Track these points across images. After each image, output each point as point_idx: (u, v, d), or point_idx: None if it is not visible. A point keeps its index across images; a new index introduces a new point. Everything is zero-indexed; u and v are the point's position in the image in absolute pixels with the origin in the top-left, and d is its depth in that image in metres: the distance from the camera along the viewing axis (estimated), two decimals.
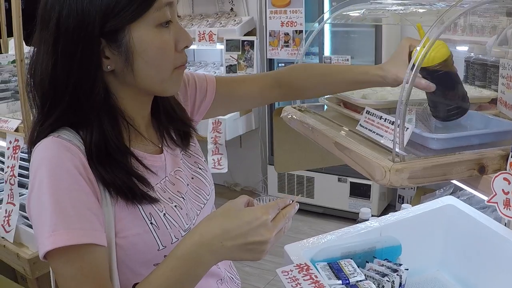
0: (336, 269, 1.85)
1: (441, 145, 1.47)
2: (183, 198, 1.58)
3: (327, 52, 5.22)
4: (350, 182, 5.55)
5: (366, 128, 1.57)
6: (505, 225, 2.11)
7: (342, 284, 1.76)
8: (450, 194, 2.56)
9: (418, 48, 1.40)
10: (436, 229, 2.21)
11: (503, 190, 1.31)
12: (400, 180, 1.34)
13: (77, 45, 1.28)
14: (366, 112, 1.60)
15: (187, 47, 1.40)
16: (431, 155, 1.41)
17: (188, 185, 1.64)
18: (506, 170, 1.33)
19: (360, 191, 5.53)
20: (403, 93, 1.32)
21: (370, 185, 5.43)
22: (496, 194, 1.32)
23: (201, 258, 1.23)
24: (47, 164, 1.30)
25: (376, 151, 1.47)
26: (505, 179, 1.30)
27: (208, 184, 1.74)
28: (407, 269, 1.89)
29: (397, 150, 1.36)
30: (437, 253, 2.25)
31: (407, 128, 1.38)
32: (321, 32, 5.00)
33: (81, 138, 1.37)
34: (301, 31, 5.23)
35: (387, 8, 2.33)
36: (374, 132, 1.52)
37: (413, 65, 1.35)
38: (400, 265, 1.92)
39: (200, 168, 1.75)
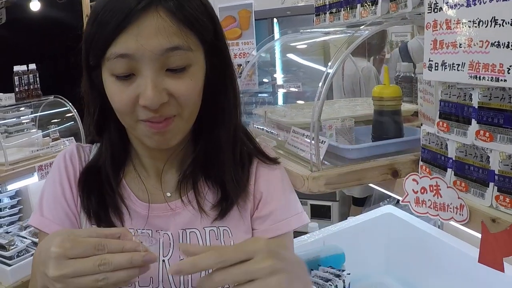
0: None
1: (356, 155, 1.63)
2: None
3: (279, 81, 5.36)
4: (311, 204, 5.67)
5: (293, 146, 1.72)
6: (438, 227, 2.27)
7: None
8: (395, 204, 2.70)
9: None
10: (378, 237, 2.36)
11: (413, 190, 1.46)
12: (317, 187, 1.50)
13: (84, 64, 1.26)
14: (292, 131, 1.75)
15: (145, 107, 1.14)
16: (348, 163, 1.58)
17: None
18: (417, 172, 1.49)
19: (321, 212, 5.65)
20: (315, 110, 1.48)
21: (330, 205, 5.58)
22: (408, 194, 1.48)
23: (36, 275, 1.08)
24: (55, 161, 1.42)
25: (302, 165, 1.63)
26: (414, 180, 1.46)
27: None
28: (349, 274, 2.03)
29: (314, 160, 1.52)
30: (381, 259, 2.39)
31: (324, 142, 1.54)
32: (272, 62, 5.13)
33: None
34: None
35: (332, 37, 2.49)
36: (298, 148, 1.68)
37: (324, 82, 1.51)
38: (343, 270, 2.06)
39: None
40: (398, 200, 2.92)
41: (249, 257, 0.93)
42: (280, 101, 5.44)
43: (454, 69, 1.34)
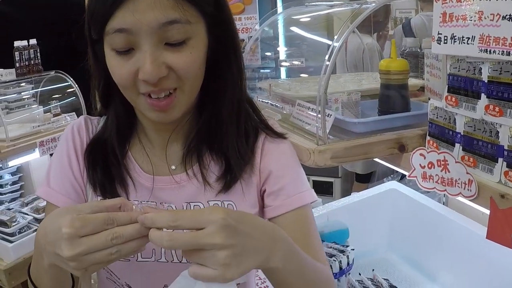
0: None
1: (363, 128, 1.61)
2: None
3: (282, 56, 5.32)
4: (313, 180, 5.63)
5: (298, 119, 1.71)
6: (443, 204, 2.25)
7: None
8: (399, 180, 2.69)
9: None
10: (382, 213, 2.35)
11: (420, 164, 1.45)
12: (323, 160, 1.49)
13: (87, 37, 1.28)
14: (298, 105, 1.73)
15: (145, 81, 1.14)
16: (354, 137, 1.56)
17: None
18: (424, 147, 1.47)
19: (323, 189, 5.61)
20: (321, 84, 1.46)
21: (332, 182, 5.56)
22: (414, 169, 1.47)
23: (42, 254, 1.07)
24: (63, 133, 1.44)
25: (307, 138, 1.61)
26: (421, 154, 1.45)
27: None
28: (353, 249, 2.03)
29: (320, 134, 1.50)
30: (384, 235, 2.38)
31: (330, 115, 1.52)
32: (275, 36, 5.11)
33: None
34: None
35: (336, 10, 2.47)
36: (303, 121, 1.66)
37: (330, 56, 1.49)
38: (347, 246, 2.05)
39: None
40: (402, 176, 2.92)
41: (203, 226, 0.92)
42: (283, 75, 5.43)
43: (464, 43, 1.32)
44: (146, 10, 1.08)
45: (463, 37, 1.32)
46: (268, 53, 5.33)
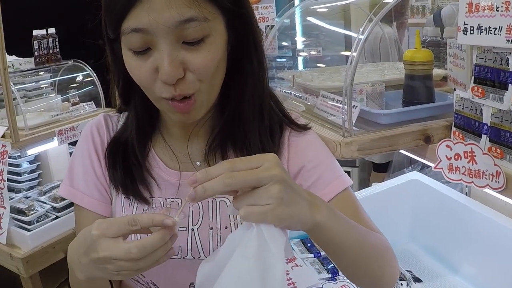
0: (308, 244, 1.98)
1: (389, 120, 1.60)
2: None
3: (299, 45, 5.31)
4: None
5: (322, 110, 1.70)
6: (465, 194, 2.24)
7: (314, 257, 1.88)
8: (420, 170, 2.68)
9: None
10: (404, 203, 2.33)
11: (446, 156, 1.44)
12: (350, 152, 1.48)
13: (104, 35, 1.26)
14: (322, 96, 1.73)
15: (165, 82, 1.11)
16: (380, 129, 1.55)
17: (193, 229, 1.33)
18: (450, 138, 1.46)
19: None
20: (348, 75, 1.45)
21: (349, 171, 5.54)
22: (441, 160, 1.46)
23: (73, 268, 1.10)
24: (82, 132, 1.44)
25: (332, 130, 1.61)
26: (447, 146, 1.44)
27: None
28: None
29: (346, 126, 1.49)
30: (406, 226, 2.36)
31: (356, 107, 1.51)
32: (292, 26, 5.10)
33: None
34: (273, 26, 5.33)
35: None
36: (328, 112, 1.65)
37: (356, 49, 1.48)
38: None
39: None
40: (423, 166, 2.91)
41: (258, 166, 0.92)
42: (300, 65, 5.42)
43: (491, 33, 1.31)
44: (161, 9, 1.05)
45: (489, 27, 1.31)
46: (285, 43, 5.32)
